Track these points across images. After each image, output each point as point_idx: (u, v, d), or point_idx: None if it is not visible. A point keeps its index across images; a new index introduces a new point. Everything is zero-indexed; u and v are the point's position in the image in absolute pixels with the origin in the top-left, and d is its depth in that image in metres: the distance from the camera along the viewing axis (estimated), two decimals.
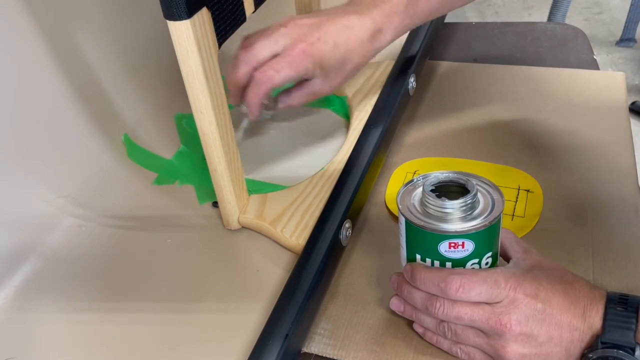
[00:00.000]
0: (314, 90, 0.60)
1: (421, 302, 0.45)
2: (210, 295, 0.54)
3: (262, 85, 0.55)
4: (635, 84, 1.96)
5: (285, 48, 0.55)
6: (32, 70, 0.61)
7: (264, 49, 0.56)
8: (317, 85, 0.59)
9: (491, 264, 0.45)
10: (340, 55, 0.57)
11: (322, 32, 0.56)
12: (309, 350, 0.49)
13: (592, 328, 0.41)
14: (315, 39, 0.55)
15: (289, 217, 0.58)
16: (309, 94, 0.60)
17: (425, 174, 0.46)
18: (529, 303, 0.41)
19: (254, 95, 0.56)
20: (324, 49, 0.56)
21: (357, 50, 0.58)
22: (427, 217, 0.43)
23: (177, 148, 0.71)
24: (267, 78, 0.55)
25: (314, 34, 0.56)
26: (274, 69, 0.55)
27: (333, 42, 0.56)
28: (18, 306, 0.54)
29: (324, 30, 0.56)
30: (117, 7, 0.70)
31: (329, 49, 0.56)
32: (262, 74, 0.55)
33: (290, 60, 0.55)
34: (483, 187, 0.45)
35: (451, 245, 0.43)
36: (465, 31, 0.92)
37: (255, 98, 0.57)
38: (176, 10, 0.44)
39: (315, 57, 0.56)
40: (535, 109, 0.73)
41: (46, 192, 0.62)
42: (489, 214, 0.43)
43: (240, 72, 0.56)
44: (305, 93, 0.60)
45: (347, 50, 0.57)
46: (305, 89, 0.60)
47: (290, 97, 0.61)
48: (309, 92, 0.60)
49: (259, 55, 0.56)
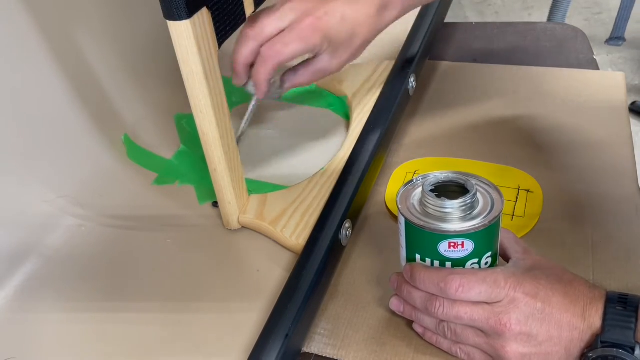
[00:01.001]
0: (321, 67, 0.58)
1: (421, 302, 0.45)
2: (210, 295, 0.54)
3: (270, 61, 0.54)
4: (635, 84, 1.95)
5: (293, 23, 0.54)
6: (32, 71, 0.61)
7: (271, 24, 0.54)
8: (324, 62, 0.57)
9: (491, 263, 0.45)
10: (348, 29, 0.56)
11: (329, 6, 0.55)
12: (309, 350, 0.49)
13: (591, 327, 0.41)
14: (323, 13, 0.54)
15: (289, 217, 0.58)
16: (317, 71, 0.58)
17: (424, 174, 0.46)
18: (528, 302, 0.41)
19: (262, 72, 0.55)
20: (332, 23, 0.55)
21: (365, 24, 0.57)
22: (427, 217, 0.43)
23: (177, 148, 0.71)
24: (275, 53, 0.53)
25: (321, 8, 0.54)
26: (283, 43, 0.53)
27: (340, 15, 0.55)
28: (18, 306, 0.54)
29: (331, 4, 0.55)
30: (117, 8, 0.70)
31: (336, 23, 0.55)
32: (269, 49, 0.54)
33: (298, 33, 0.53)
34: (482, 187, 0.45)
35: (451, 245, 0.43)
36: (465, 31, 0.92)
37: (263, 75, 0.55)
38: (176, 10, 0.44)
39: (323, 31, 0.54)
40: (535, 109, 0.73)
41: (46, 192, 0.62)
42: (488, 213, 0.43)
43: (247, 49, 0.54)
44: (312, 70, 0.58)
45: (355, 24, 0.56)
46: (312, 66, 0.58)
47: (297, 75, 0.59)
48: (316, 69, 0.58)
49: (266, 30, 0.54)
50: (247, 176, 0.60)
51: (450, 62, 0.84)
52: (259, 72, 0.55)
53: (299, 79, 0.59)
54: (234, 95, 0.80)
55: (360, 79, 0.76)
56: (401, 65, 0.73)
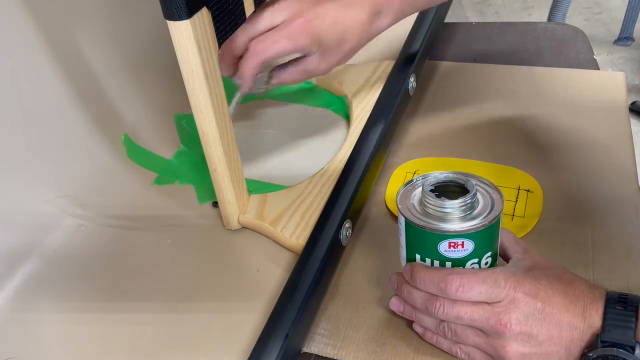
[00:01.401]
0: (309, 68, 0.58)
1: (421, 302, 0.45)
2: (210, 295, 0.54)
3: (257, 56, 0.54)
4: (635, 84, 1.95)
5: (284, 21, 0.55)
6: (32, 71, 0.61)
7: (263, 20, 0.55)
8: (313, 63, 0.58)
9: (491, 263, 0.45)
10: (338, 33, 0.56)
11: (321, 9, 0.55)
12: (309, 350, 0.49)
13: (592, 327, 0.41)
14: (314, 16, 0.55)
15: (289, 217, 0.58)
16: (304, 71, 0.59)
17: (424, 174, 0.46)
18: (528, 302, 0.41)
19: (248, 66, 0.55)
20: (322, 26, 0.55)
21: (355, 30, 0.57)
22: (427, 217, 0.43)
23: (177, 148, 0.71)
24: (263, 49, 0.54)
25: (313, 10, 0.55)
26: (272, 40, 0.54)
27: (332, 19, 0.56)
28: (18, 306, 0.54)
29: (323, 7, 0.56)
30: (117, 8, 0.70)
31: (327, 26, 0.55)
32: (258, 44, 0.54)
33: (288, 33, 0.54)
34: (482, 187, 0.45)
35: (451, 244, 0.43)
36: (465, 31, 0.92)
37: (249, 69, 0.55)
38: (176, 10, 0.44)
39: (312, 34, 0.55)
40: (535, 109, 0.73)
41: (46, 192, 0.62)
42: (488, 213, 0.43)
43: (237, 41, 0.55)
44: (300, 70, 0.59)
45: (345, 29, 0.56)
46: (300, 65, 0.58)
47: (285, 73, 0.59)
48: (304, 69, 0.58)
49: (257, 25, 0.55)
50: (247, 176, 0.60)
51: (450, 62, 0.84)
52: (245, 65, 0.55)
53: (287, 76, 0.59)
54: (234, 95, 0.80)
55: (360, 79, 0.76)
56: (401, 65, 0.73)
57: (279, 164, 0.69)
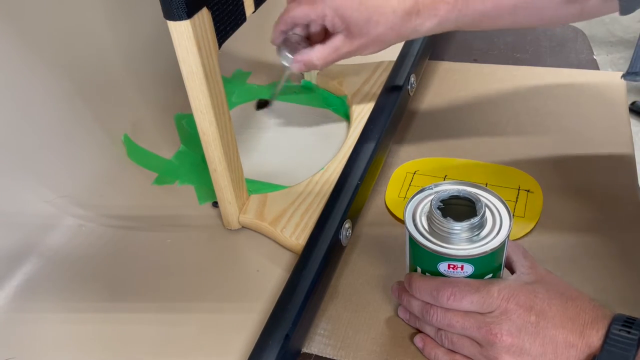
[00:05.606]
0: (335, 46, 0.60)
1: (418, 310, 0.46)
2: (210, 295, 0.54)
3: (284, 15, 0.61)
4: (635, 84, 1.95)
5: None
6: (32, 71, 0.61)
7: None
8: (339, 41, 0.60)
9: None
10: (365, 14, 0.57)
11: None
12: (309, 351, 0.49)
13: (590, 347, 0.40)
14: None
15: (289, 217, 0.58)
16: (332, 48, 0.60)
17: (437, 183, 0.46)
18: (521, 314, 0.41)
19: (277, 23, 0.62)
20: (348, 3, 0.57)
21: (386, 17, 0.57)
22: (431, 235, 0.43)
23: (177, 148, 0.71)
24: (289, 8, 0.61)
25: None
26: (298, 2, 0.60)
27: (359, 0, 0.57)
28: (18, 306, 0.54)
29: None
30: (117, 7, 0.70)
31: (353, 3, 0.57)
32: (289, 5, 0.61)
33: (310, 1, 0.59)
34: (492, 205, 0.44)
35: (450, 266, 0.43)
36: (465, 31, 0.92)
37: (277, 26, 0.62)
38: (176, 10, 0.44)
39: (334, 6, 0.57)
40: (535, 109, 0.73)
41: (46, 192, 0.62)
42: (493, 238, 0.42)
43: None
44: (327, 47, 0.60)
45: (375, 11, 0.57)
46: (327, 43, 0.60)
47: (314, 50, 0.61)
48: (331, 46, 0.60)
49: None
50: (247, 176, 0.60)
51: (450, 62, 0.84)
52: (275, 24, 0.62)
53: (315, 53, 0.61)
54: (234, 95, 0.80)
55: (360, 79, 0.76)
56: (401, 65, 0.73)
57: (279, 164, 0.69)
